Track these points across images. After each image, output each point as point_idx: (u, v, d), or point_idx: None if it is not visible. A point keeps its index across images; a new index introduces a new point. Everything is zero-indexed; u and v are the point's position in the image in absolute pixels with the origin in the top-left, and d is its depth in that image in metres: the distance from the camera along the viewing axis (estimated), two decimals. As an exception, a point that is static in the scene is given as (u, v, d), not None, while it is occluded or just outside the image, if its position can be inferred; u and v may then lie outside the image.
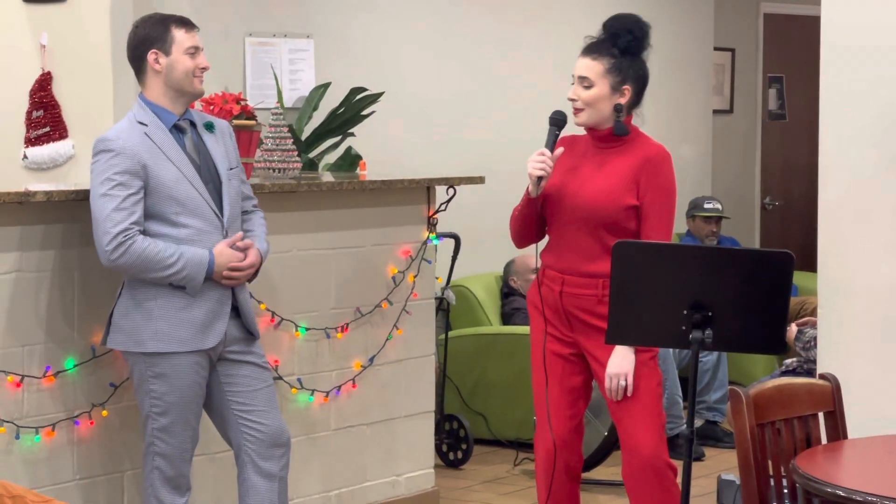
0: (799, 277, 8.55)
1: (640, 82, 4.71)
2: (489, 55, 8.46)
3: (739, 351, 4.22)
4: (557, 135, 4.65)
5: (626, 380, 4.57)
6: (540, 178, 4.59)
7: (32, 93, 6.68)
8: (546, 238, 4.82)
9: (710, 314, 3.85)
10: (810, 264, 5.46)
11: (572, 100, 4.68)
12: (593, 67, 4.66)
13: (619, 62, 4.66)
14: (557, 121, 4.66)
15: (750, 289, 3.84)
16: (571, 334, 4.72)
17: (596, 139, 4.73)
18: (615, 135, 4.68)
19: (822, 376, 4.02)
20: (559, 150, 4.62)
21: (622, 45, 4.67)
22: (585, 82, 4.65)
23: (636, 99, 4.71)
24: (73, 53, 6.62)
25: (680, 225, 8.61)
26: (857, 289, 5.26)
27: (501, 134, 8.37)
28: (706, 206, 8.46)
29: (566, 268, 4.69)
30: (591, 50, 4.70)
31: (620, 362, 4.58)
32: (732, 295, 3.86)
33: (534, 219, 4.70)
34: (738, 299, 3.86)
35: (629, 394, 4.59)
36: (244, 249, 4.66)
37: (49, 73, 6.67)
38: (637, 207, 4.64)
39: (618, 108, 4.66)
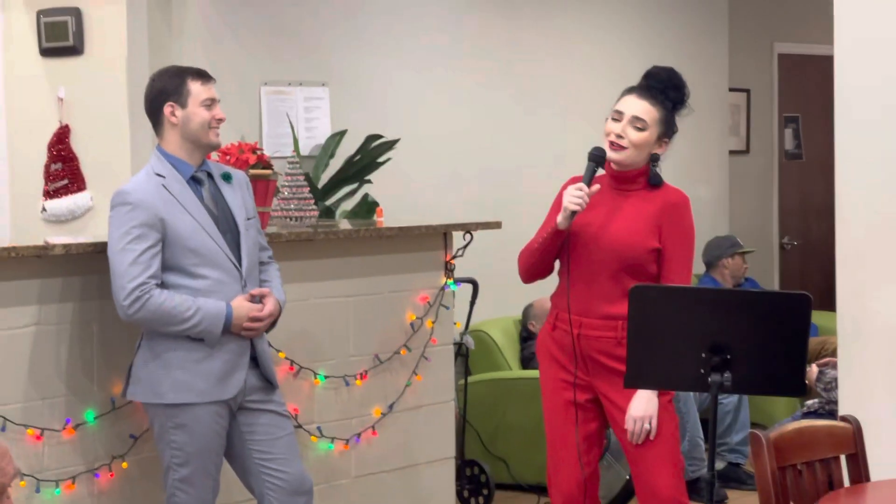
0: (819, 317, 8.57)
1: (672, 138, 4.75)
2: (505, 100, 8.48)
3: (759, 394, 4.22)
4: (595, 171, 4.66)
5: (650, 423, 4.56)
6: (574, 213, 4.61)
7: (51, 146, 6.74)
8: (553, 281, 4.83)
9: (728, 357, 3.84)
10: (830, 304, 5.44)
11: (619, 136, 4.67)
12: (651, 112, 4.67)
13: (669, 115, 4.71)
14: (596, 157, 4.67)
15: (768, 331, 3.84)
16: (587, 378, 4.71)
17: (618, 181, 4.73)
18: (651, 184, 4.71)
19: (843, 418, 4.00)
20: (595, 187, 4.63)
21: (674, 99, 4.71)
22: (639, 123, 4.66)
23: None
24: (90, 106, 6.68)
25: (698, 266, 8.61)
26: (878, 328, 5.23)
27: (518, 178, 8.38)
28: (741, 241, 8.46)
29: (584, 310, 4.69)
30: (650, 94, 4.69)
31: (645, 405, 4.56)
32: (751, 338, 3.85)
33: (555, 253, 4.72)
34: (756, 342, 3.84)
35: (652, 437, 4.57)
36: (261, 298, 4.67)
37: (67, 127, 6.72)
38: (658, 251, 4.66)
39: (655, 158, 4.71)
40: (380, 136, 7.42)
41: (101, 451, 4.80)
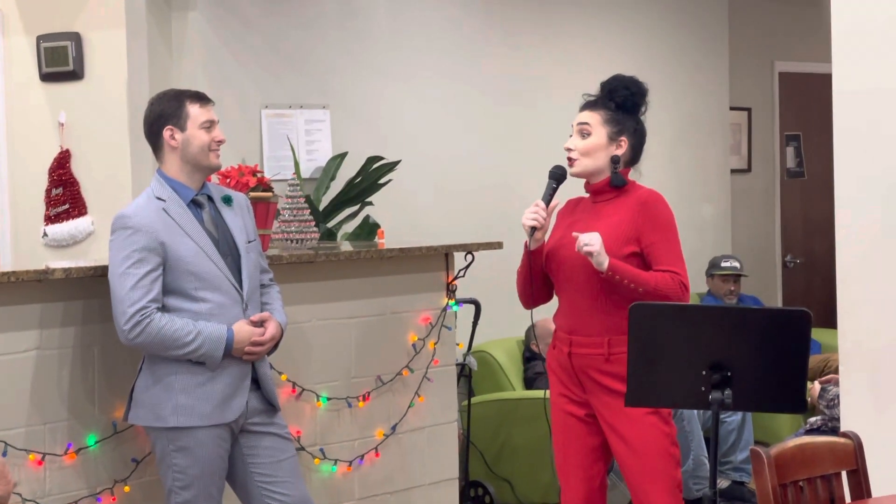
0: (822, 335, 8.57)
1: (637, 137, 4.78)
2: (506, 121, 8.50)
3: (760, 410, 4.22)
4: (555, 188, 4.74)
5: (591, 246, 4.54)
6: (534, 230, 4.63)
7: (51, 171, 6.75)
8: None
9: (729, 374, 3.86)
10: (833, 321, 5.45)
11: (569, 149, 4.75)
12: (593, 116, 4.77)
13: (616, 115, 4.75)
14: (556, 175, 4.75)
15: (768, 348, 3.85)
16: (584, 395, 4.73)
17: (594, 194, 4.80)
18: (612, 186, 4.73)
19: (844, 434, 4.00)
20: (556, 203, 4.67)
21: (618, 99, 4.77)
22: (583, 129, 4.74)
23: (633, 154, 4.77)
24: (91, 131, 6.69)
25: (699, 285, 8.63)
26: (879, 345, 5.24)
27: (520, 199, 8.37)
28: (723, 264, 8.49)
29: (573, 327, 4.72)
30: (590, 104, 4.81)
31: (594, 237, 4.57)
32: (751, 354, 3.86)
33: (534, 274, 4.73)
34: (756, 359, 3.86)
35: (584, 250, 4.54)
36: (262, 323, 4.68)
37: (67, 151, 6.73)
38: (638, 254, 4.66)
39: (614, 160, 4.73)
40: (381, 158, 7.44)
41: (104, 476, 4.81)
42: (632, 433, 4.64)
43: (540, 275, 4.77)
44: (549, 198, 4.69)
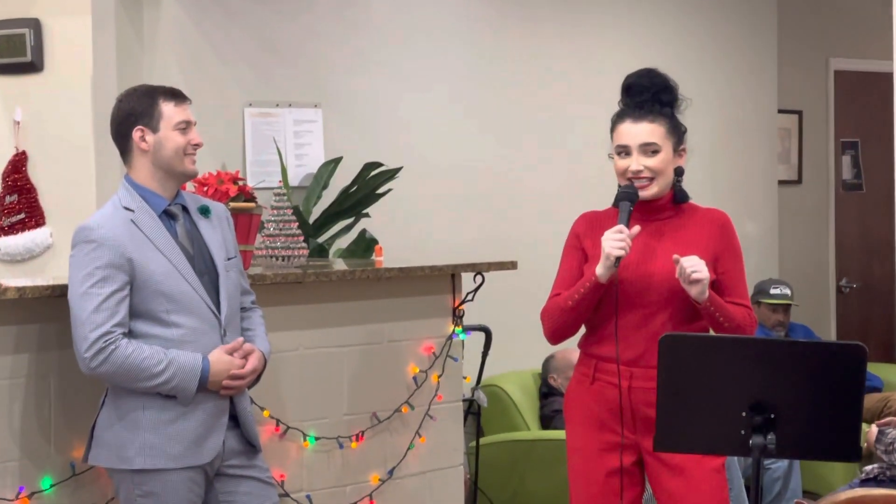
0: (882, 370, 8.57)
1: (685, 141, 4.76)
2: (521, 125, 8.51)
3: (807, 458, 4.22)
4: (631, 210, 4.65)
5: (698, 269, 4.51)
6: (618, 259, 4.59)
7: (5, 175, 6.78)
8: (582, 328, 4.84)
9: (772, 416, 3.86)
10: (895, 355, 5.46)
11: (637, 171, 4.68)
12: (656, 131, 4.70)
13: (673, 121, 4.73)
14: (629, 194, 4.67)
15: (818, 387, 3.85)
16: (633, 436, 4.70)
17: (647, 211, 4.73)
18: (677, 202, 4.71)
19: (904, 486, 4.01)
20: (636, 229, 4.62)
21: (668, 101, 4.74)
22: (651, 148, 4.68)
23: None
24: (50, 131, 6.72)
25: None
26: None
27: (536, 213, 8.40)
28: (773, 291, 8.48)
29: (635, 359, 4.67)
30: (644, 113, 4.72)
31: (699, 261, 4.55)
32: (798, 394, 3.86)
33: (593, 308, 4.70)
34: (804, 399, 3.86)
35: (691, 278, 4.51)
36: (245, 356, 4.68)
37: (24, 153, 6.76)
38: (713, 281, 4.66)
39: (679, 172, 4.72)
40: (379, 165, 7.45)
41: (60, 524, 4.82)
42: (696, 475, 4.64)
43: (593, 308, 4.73)
44: (627, 221, 4.63)
